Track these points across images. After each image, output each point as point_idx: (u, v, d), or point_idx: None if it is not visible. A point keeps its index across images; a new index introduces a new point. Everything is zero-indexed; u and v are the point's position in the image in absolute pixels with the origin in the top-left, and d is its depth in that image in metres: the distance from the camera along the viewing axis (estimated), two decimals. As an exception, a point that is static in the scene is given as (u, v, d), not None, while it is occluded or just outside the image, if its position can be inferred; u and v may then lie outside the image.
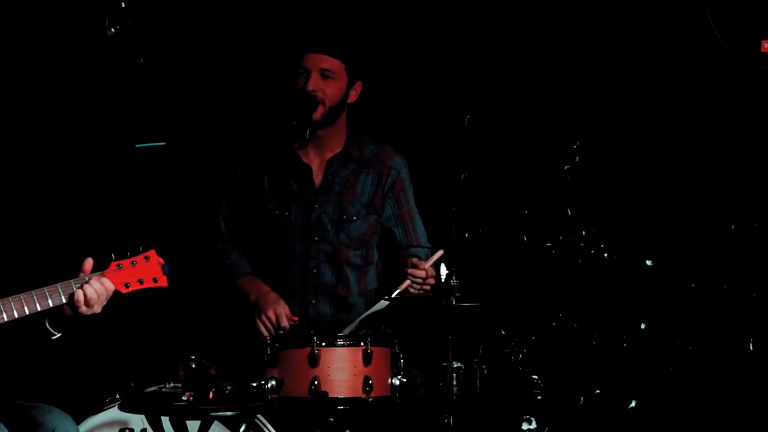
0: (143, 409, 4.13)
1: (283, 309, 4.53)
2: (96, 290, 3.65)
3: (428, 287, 4.46)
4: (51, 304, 3.62)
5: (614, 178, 5.31)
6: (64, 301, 3.64)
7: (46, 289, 3.63)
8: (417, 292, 4.45)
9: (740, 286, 5.20)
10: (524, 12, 5.32)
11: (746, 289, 5.20)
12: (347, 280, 4.70)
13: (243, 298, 4.64)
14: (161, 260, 3.76)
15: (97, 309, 3.67)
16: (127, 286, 3.73)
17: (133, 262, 3.74)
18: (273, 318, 4.51)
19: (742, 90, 5.18)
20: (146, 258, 3.75)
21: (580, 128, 5.30)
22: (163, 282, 3.77)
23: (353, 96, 4.73)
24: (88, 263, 3.70)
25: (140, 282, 3.74)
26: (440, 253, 4.46)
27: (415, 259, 4.50)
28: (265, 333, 4.49)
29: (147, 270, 3.75)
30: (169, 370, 4.20)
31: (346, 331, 4.41)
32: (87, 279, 3.65)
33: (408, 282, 4.42)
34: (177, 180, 5.12)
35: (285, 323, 4.49)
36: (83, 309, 3.64)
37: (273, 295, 4.58)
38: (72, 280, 3.65)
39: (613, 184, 5.31)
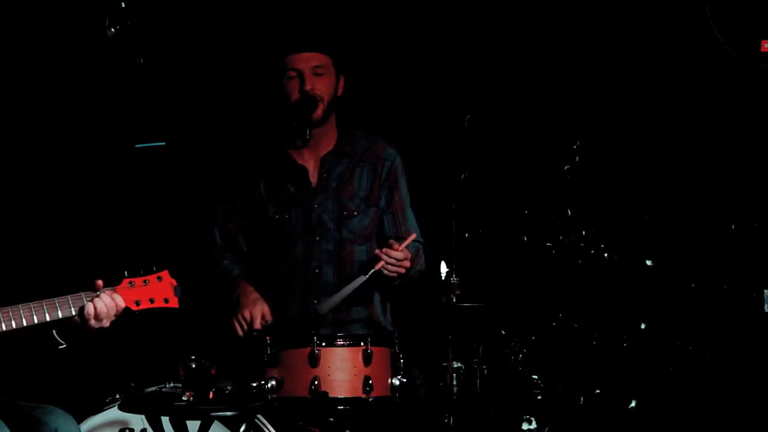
0: (143, 409, 4.13)
1: (259, 310, 4.50)
2: (106, 305, 3.65)
3: (403, 270, 4.46)
4: (60, 315, 3.63)
5: (614, 178, 5.31)
6: (73, 313, 3.64)
7: (56, 300, 3.63)
8: (391, 274, 4.45)
9: (740, 286, 5.20)
10: (524, 12, 5.33)
11: (746, 289, 5.19)
12: (350, 279, 4.70)
13: (231, 298, 4.63)
14: (174, 281, 3.77)
15: (106, 323, 3.68)
16: (137, 303, 3.74)
17: (145, 281, 3.75)
18: (247, 318, 4.50)
19: (742, 90, 5.18)
20: (159, 278, 3.76)
21: (580, 128, 5.30)
22: (173, 303, 3.77)
23: (340, 89, 4.74)
24: (100, 281, 3.70)
25: (151, 301, 3.75)
26: (413, 236, 4.50)
27: (391, 240, 4.50)
28: (240, 332, 4.49)
29: (159, 290, 3.75)
30: (169, 370, 4.20)
31: (324, 309, 4.41)
32: (98, 293, 3.66)
33: (382, 263, 4.42)
34: (175, 182, 5.12)
35: (258, 326, 4.46)
36: (92, 323, 3.64)
37: (253, 296, 4.56)
38: (83, 293, 3.66)
39: (613, 184, 5.31)
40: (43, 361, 4.49)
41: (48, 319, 3.61)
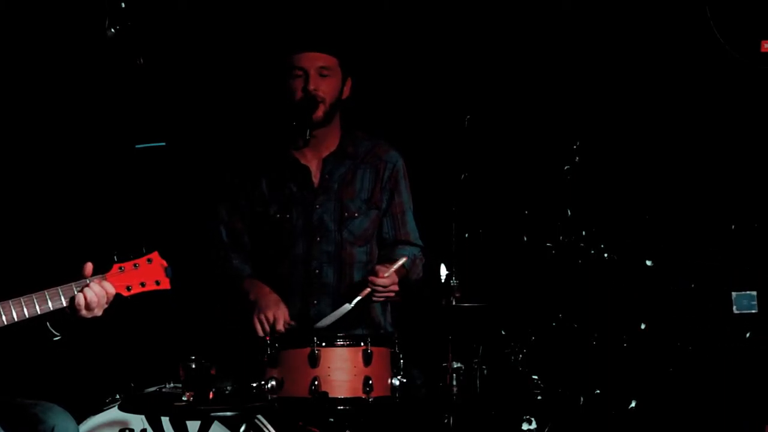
0: (143, 409, 4.13)
1: (282, 313, 4.51)
2: (96, 293, 3.63)
3: (392, 294, 4.49)
4: (51, 307, 3.61)
5: (614, 178, 5.31)
6: (64, 304, 3.62)
7: (46, 292, 3.61)
8: (379, 299, 4.48)
9: (739, 287, 5.20)
10: (524, 12, 5.33)
11: (749, 288, 5.20)
12: (350, 279, 4.70)
13: (244, 298, 4.62)
14: (164, 262, 3.73)
15: (98, 312, 3.66)
16: (128, 288, 3.71)
17: (135, 265, 3.72)
18: (270, 319, 4.49)
19: (742, 90, 5.18)
20: (149, 260, 3.73)
21: (580, 128, 5.30)
22: (165, 285, 3.74)
23: (346, 92, 4.74)
24: (89, 267, 3.68)
25: (142, 285, 3.72)
26: (403, 259, 4.49)
27: (378, 266, 4.51)
28: (260, 332, 4.48)
29: (149, 272, 3.73)
30: (169, 370, 4.20)
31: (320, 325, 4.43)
32: (88, 282, 3.64)
33: (368, 290, 4.44)
34: (177, 181, 5.12)
35: (281, 327, 4.47)
36: (84, 312, 3.63)
37: (273, 297, 4.57)
38: (73, 283, 3.63)
39: (613, 184, 5.31)
40: (43, 361, 4.50)
41: (39, 312, 3.60)
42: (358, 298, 4.44)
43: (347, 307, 4.44)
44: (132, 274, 3.71)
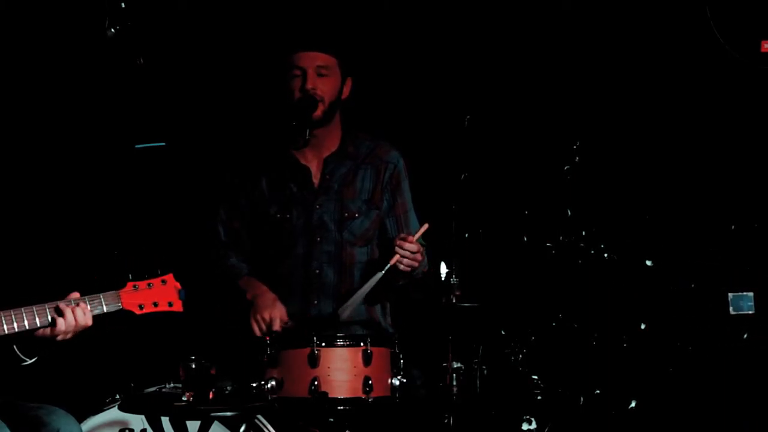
0: (143, 409, 4.13)
1: (279, 312, 4.51)
2: (76, 317, 3.63)
3: (416, 263, 4.47)
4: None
5: (614, 178, 5.31)
6: (45, 323, 3.62)
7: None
8: (406, 268, 4.46)
9: (740, 287, 5.20)
10: (524, 12, 5.33)
11: (745, 289, 5.20)
12: (351, 280, 4.70)
13: (242, 297, 4.62)
14: (178, 285, 3.77)
15: (70, 335, 3.67)
16: (141, 307, 3.74)
17: (149, 284, 3.75)
18: (267, 320, 4.49)
19: (742, 90, 5.18)
20: (163, 281, 3.76)
21: (580, 128, 5.30)
22: (178, 307, 3.78)
23: (345, 92, 4.74)
24: (75, 294, 3.69)
25: (155, 305, 3.75)
26: (426, 226, 4.48)
27: (403, 234, 4.51)
28: (258, 333, 4.48)
29: (163, 293, 3.76)
30: (169, 370, 4.20)
31: (346, 313, 4.41)
32: (73, 303, 3.65)
33: (397, 257, 4.43)
34: (176, 181, 5.12)
35: (277, 328, 4.46)
36: (58, 335, 3.64)
37: (270, 296, 4.56)
38: (58, 302, 3.64)
39: (613, 184, 5.31)
40: (44, 361, 4.50)
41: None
42: (389, 264, 4.42)
43: (379, 275, 4.42)
44: (145, 293, 3.74)
